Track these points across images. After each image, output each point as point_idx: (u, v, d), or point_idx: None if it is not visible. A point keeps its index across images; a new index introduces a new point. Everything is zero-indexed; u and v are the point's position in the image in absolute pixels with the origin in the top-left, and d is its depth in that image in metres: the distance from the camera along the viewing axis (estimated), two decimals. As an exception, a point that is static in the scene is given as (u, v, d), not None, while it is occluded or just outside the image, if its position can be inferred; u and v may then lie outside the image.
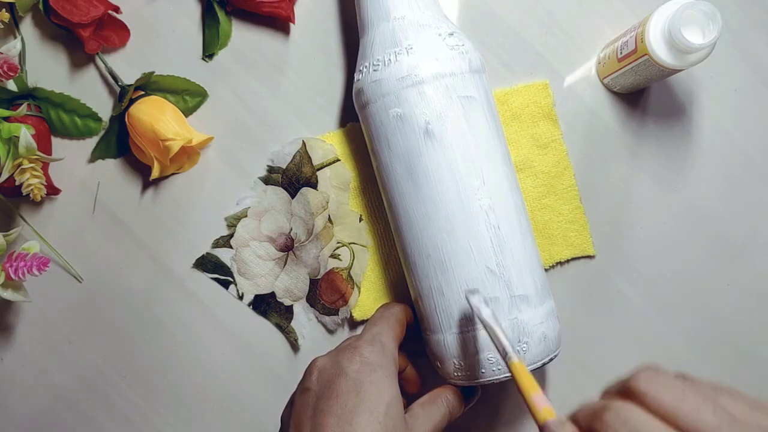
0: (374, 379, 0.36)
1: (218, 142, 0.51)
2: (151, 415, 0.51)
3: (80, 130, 0.50)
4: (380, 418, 0.35)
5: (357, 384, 0.36)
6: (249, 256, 0.49)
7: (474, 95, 0.40)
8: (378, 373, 0.37)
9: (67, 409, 0.51)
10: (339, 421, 0.34)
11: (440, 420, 0.40)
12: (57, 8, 0.47)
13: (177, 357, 0.51)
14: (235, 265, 0.50)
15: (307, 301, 0.49)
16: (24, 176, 0.45)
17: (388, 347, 0.39)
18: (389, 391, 0.36)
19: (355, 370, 0.37)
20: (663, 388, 0.25)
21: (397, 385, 0.38)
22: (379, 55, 0.41)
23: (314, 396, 0.37)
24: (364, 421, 0.34)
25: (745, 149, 0.50)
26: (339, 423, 0.34)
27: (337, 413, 0.35)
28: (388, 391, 0.36)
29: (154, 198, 0.51)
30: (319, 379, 0.38)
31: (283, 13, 0.49)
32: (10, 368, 0.51)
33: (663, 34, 0.42)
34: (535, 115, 0.49)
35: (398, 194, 0.42)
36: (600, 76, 0.50)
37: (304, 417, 0.36)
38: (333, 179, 0.49)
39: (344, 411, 0.35)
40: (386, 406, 0.35)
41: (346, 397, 0.35)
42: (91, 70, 0.51)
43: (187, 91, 0.50)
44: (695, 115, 0.50)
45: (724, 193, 0.50)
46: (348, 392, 0.36)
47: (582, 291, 0.50)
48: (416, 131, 0.40)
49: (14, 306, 0.51)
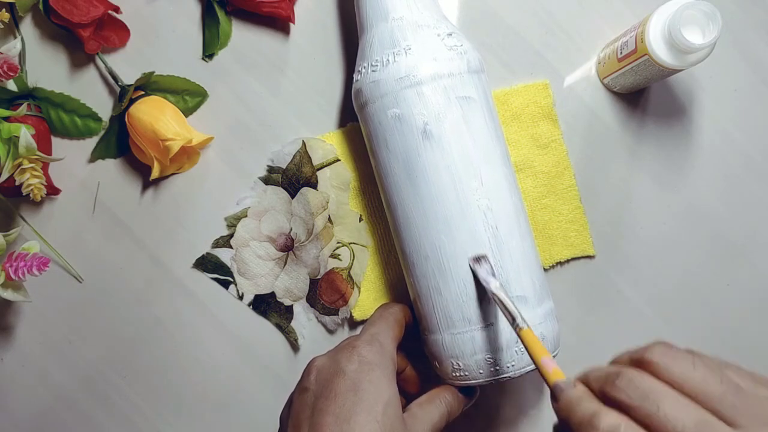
0: (372, 379, 0.36)
1: (218, 142, 0.51)
2: (151, 415, 0.51)
3: (80, 130, 0.50)
4: (378, 417, 0.35)
5: (355, 383, 0.36)
6: (249, 256, 0.49)
7: (472, 96, 0.40)
8: (376, 372, 0.37)
9: (67, 409, 0.51)
10: (337, 420, 0.34)
11: (438, 420, 0.40)
12: (57, 8, 0.47)
13: (177, 357, 0.51)
14: (235, 265, 0.50)
15: (307, 301, 0.49)
16: (24, 176, 0.45)
17: (386, 347, 0.39)
18: (387, 391, 0.36)
19: (354, 370, 0.37)
20: (674, 360, 0.26)
21: (395, 384, 0.38)
22: (378, 56, 0.41)
23: (312, 396, 0.37)
24: (362, 420, 0.34)
25: (745, 149, 0.50)
26: (337, 422, 0.34)
27: (335, 412, 0.35)
28: (386, 391, 0.36)
29: (154, 198, 0.51)
30: (318, 378, 0.38)
31: (283, 13, 0.49)
32: (10, 368, 0.51)
33: (663, 34, 0.42)
34: (535, 115, 0.49)
35: (396, 195, 0.42)
36: (600, 76, 0.50)
37: (303, 416, 0.36)
38: (333, 179, 0.49)
39: (342, 410, 0.35)
40: (384, 406, 0.35)
41: (344, 397, 0.35)
42: (91, 70, 0.51)
43: (187, 91, 0.50)
44: (695, 115, 0.50)
45: (724, 193, 0.50)
46: (346, 391, 0.36)
47: (582, 291, 0.50)
48: (414, 132, 0.40)
49: (14, 306, 0.51)
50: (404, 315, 0.44)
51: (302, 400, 0.37)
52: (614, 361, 0.30)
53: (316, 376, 0.38)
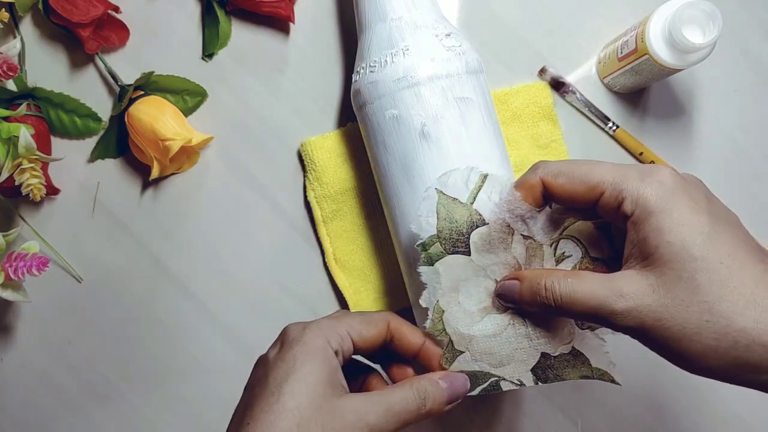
0: (286, 358, 0.33)
1: (218, 142, 0.51)
2: (151, 415, 0.51)
3: (80, 129, 0.50)
4: (283, 398, 0.31)
5: (268, 369, 0.33)
6: (486, 345, 0.37)
7: (471, 96, 0.40)
8: (294, 350, 0.33)
9: (67, 409, 0.51)
10: (244, 413, 0.33)
11: (400, 406, 0.33)
12: (57, 8, 0.47)
13: (177, 357, 0.51)
14: (484, 365, 0.37)
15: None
16: (23, 176, 0.45)
17: (323, 326, 0.35)
18: (304, 367, 0.32)
19: (273, 354, 0.34)
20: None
21: (325, 359, 0.33)
22: (376, 57, 0.41)
23: (246, 391, 0.35)
24: (259, 407, 0.32)
25: (745, 149, 0.50)
26: (244, 415, 0.33)
27: (244, 402, 0.34)
28: (304, 367, 0.32)
29: (154, 198, 0.51)
30: (253, 371, 0.36)
31: (283, 13, 0.49)
32: (10, 368, 0.51)
33: (663, 34, 0.42)
34: (536, 115, 0.49)
35: (395, 195, 0.42)
36: (600, 76, 0.50)
37: (236, 415, 0.35)
38: (494, 194, 0.37)
39: (250, 399, 0.33)
40: (296, 383, 0.32)
41: (257, 384, 0.33)
42: (90, 70, 0.51)
43: (186, 90, 0.50)
44: (695, 115, 0.50)
45: (724, 193, 0.50)
46: (261, 378, 0.33)
47: (582, 291, 0.50)
48: (412, 133, 0.40)
49: (14, 306, 0.51)
50: (384, 322, 0.37)
51: (241, 399, 0.35)
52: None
53: (254, 370, 0.36)
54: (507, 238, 0.36)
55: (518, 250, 0.36)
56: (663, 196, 0.30)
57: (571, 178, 0.32)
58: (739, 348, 0.28)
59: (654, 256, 0.30)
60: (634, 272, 0.30)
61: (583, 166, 0.32)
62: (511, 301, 0.36)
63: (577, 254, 0.36)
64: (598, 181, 0.32)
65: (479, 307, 0.37)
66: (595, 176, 0.32)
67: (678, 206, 0.30)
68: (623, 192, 0.31)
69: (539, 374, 0.37)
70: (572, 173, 0.32)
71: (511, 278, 0.36)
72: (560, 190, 0.33)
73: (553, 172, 0.33)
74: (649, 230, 0.30)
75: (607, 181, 0.31)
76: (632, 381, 0.49)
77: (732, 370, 0.29)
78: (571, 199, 0.33)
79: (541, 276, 0.34)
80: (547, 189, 0.34)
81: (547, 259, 0.36)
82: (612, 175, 0.31)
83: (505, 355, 0.37)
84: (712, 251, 0.29)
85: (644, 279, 0.30)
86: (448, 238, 0.36)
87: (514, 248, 0.36)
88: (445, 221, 0.36)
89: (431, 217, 0.36)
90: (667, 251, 0.29)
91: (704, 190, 0.32)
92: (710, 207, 0.30)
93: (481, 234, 0.36)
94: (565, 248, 0.36)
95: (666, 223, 0.29)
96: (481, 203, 0.36)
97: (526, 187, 0.35)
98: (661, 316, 0.29)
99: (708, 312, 0.28)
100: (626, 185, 0.31)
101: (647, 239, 0.30)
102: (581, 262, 0.36)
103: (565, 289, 0.32)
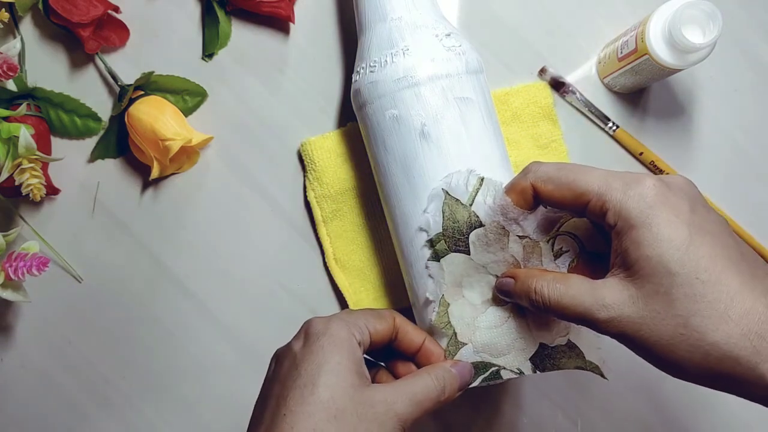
0: (315, 350, 0.34)
1: (218, 142, 0.51)
2: (151, 415, 0.51)
3: (80, 130, 0.50)
4: (318, 390, 0.32)
5: (297, 362, 0.34)
6: (486, 337, 0.39)
7: (471, 96, 0.40)
8: (321, 342, 0.34)
9: (67, 409, 0.51)
10: (278, 404, 0.33)
11: (422, 393, 0.34)
12: (57, 8, 0.47)
13: (177, 357, 0.51)
14: (486, 356, 0.39)
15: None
16: (23, 176, 0.45)
17: (343, 318, 0.36)
18: (333, 358, 0.33)
19: (299, 347, 0.35)
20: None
21: (351, 351, 0.34)
22: (376, 57, 0.41)
23: (269, 383, 0.35)
24: (296, 396, 0.32)
25: (745, 149, 0.50)
26: (278, 406, 0.33)
27: (276, 394, 0.34)
28: (333, 358, 0.33)
29: (154, 198, 0.51)
30: (276, 365, 0.36)
31: (283, 13, 0.49)
32: (10, 368, 0.51)
33: (663, 34, 0.42)
34: (536, 116, 0.49)
35: (395, 195, 0.42)
36: (600, 76, 0.50)
37: (258, 409, 0.35)
38: (488, 197, 0.38)
39: (283, 392, 0.33)
40: (328, 375, 0.33)
41: (286, 377, 0.34)
42: (90, 69, 0.51)
43: (186, 90, 0.50)
44: (695, 115, 0.50)
45: (724, 193, 0.50)
46: (289, 370, 0.34)
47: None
48: (412, 133, 0.40)
49: (14, 306, 0.51)
50: (392, 318, 0.39)
51: (261, 392, 0.36)
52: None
53: (274, 364, 0.36)
54: (503, 238, 0.37)
55: (515, 248, 0.37)
56: (644, 210, 0.30)
57: (559, 185, 0.33)
58: (711, 360, 0.29)
59: (634, 268, 0.31)
60: (617, 281, 0.32)
61: (570, 173, 0.33)
62: (508, 297, 0.37)
63: (573, 250, 0.37)
64: (584, 190, 0.32)
65: (482, 299, 0.39)
66: (581, 185, 0.32)
67: (657, 220, 0.30)
68: (607, 203, 0.31)
69: (537, 363, 0.38)
70: (560, 180, 0.33)
71: (507, 276, 0.37)
72: (549, 196, 0.34)
73: (543, 177, 0.34)
74: (629, 243, 0.31)
75: (593, 190, 0.32)
76: (632, 381, 0.49)
77: (709, 379, 0.30)
78: (560, 205, 0.34)
79: (532, 278, 0.35)
80: (537, 193, 0.34)
81: (546, 255, 0.37)
82: (597, 184, 0.32)
83: (506, 345, 0.38)
84: (688, 266, 0.29)
85: (626, 290, 0.31)
86: (451, 237, 0.38)
87: (511, 247, 0.37)
88: (449, 221, 0.38)
89: (438, 215, 0.38)
90: (646, 265, 0.30)
91: (690, 196, 0.32)
92: (692, 218, 0.31)
93: (479, 235, 0.38)
94: (563, 244, 0.37)
95: (645, 238, 0.30)
96: (479, 205, 0.38)
97: (517, 191, 0.35)
98: (639, 327, 0.30)
99: (682, 326, 0.29)
100: (609, 196, 0.31)
101: (628, 251, 0.31)
102: (578, 257, 0.37)
103: (554, 293, 0.33)
